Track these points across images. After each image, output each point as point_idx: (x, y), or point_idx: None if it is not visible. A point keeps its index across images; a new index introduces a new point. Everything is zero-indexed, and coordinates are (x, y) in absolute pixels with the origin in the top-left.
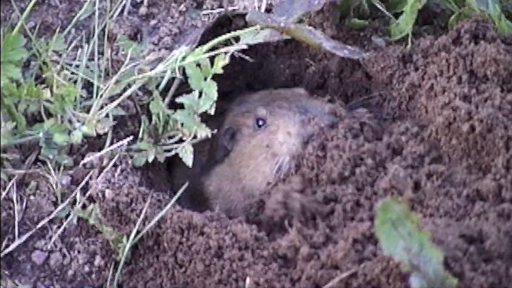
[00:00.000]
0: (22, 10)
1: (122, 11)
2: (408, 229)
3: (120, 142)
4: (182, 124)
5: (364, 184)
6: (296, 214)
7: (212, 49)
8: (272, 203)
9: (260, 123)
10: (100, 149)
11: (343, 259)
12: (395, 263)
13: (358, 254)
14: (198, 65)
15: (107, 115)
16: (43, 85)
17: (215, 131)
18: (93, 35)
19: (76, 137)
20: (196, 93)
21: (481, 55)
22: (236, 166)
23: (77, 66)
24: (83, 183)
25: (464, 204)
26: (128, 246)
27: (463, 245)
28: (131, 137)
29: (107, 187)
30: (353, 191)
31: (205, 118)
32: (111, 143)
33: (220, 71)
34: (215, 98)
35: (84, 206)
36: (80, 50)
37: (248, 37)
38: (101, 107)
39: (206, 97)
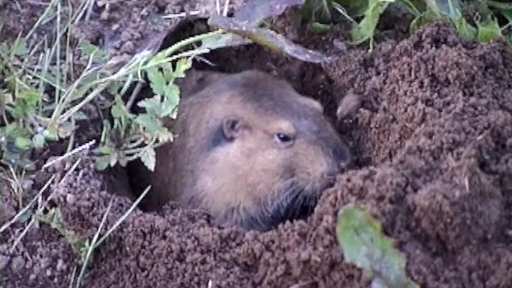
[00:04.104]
0: None
1: (84, 16)
2: (371, 235)
3: (82, 146)
4: (144, 128)
5: None
6: None
7: (174, 53)
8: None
9: (282, 136)
10: (62, 154)
11: None
12: (357, 269)
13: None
14: (160, 69)
15: (69, 120)
16: (5, 90)
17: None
18: (55, 40)
19: (38, 141)
20: (158, 97)
21: (443, 59)
22: (240, 168)
23: (39, 70)
24: (45, 187)
25: None
26: (90, 250)
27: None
28: (93, 141)
29: (69, 192)
30: None
31: None
32: (73, 148)
33: (182, 75)
34: (177, 102)
35: (46, 211)
36: (42, 54)
37: (210, 41)
38: (63, 112)
39: (168, 101)
